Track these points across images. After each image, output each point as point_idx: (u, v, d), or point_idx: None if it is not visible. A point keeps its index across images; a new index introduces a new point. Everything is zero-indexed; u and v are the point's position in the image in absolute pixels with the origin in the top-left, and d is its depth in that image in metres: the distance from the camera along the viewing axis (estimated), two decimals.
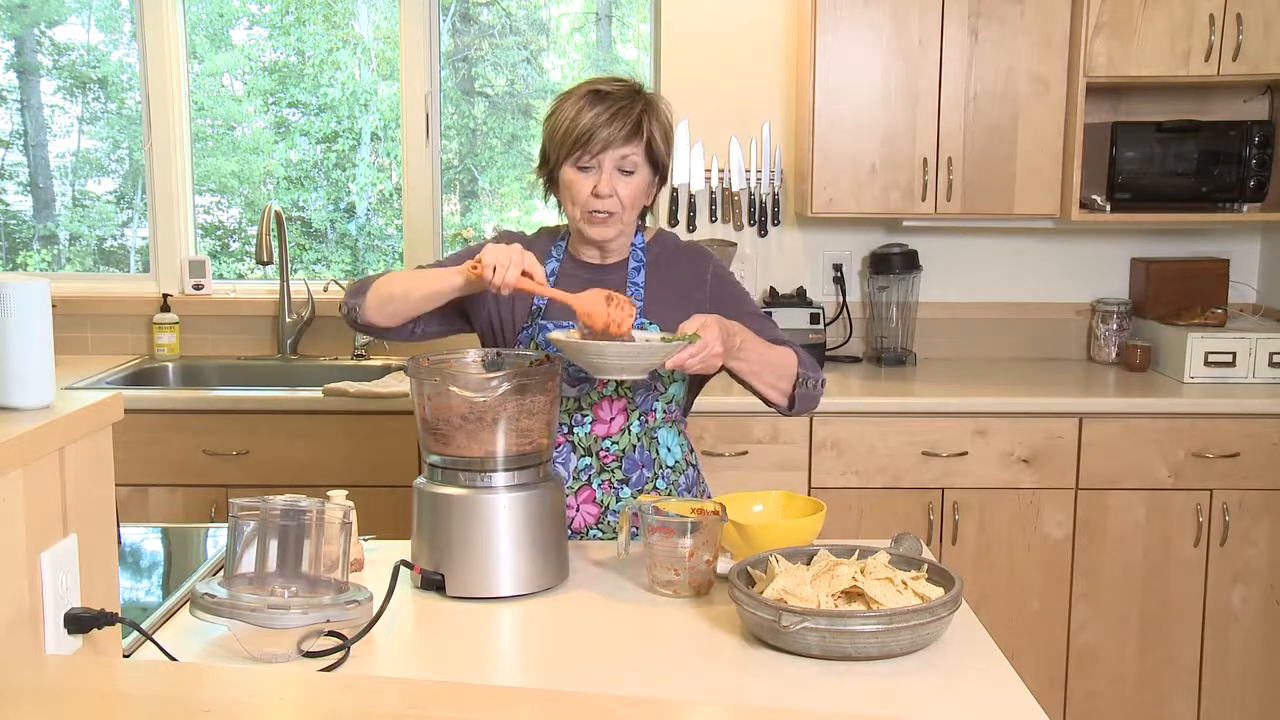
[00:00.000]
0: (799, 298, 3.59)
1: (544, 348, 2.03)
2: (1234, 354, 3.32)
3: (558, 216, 2.18)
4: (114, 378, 3.43)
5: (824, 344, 3.51)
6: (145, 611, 1.69)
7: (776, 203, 3.66)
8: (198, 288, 3.78)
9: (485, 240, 2.32)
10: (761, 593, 1.59)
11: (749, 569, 1.69)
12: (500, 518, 1.76)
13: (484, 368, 1.91)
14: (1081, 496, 3.15)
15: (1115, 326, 3.66)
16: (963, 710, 1.43)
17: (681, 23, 3.61)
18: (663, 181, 2.10)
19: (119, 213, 4.07)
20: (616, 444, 2.07)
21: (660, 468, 2.10)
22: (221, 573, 1.61)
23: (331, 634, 1.57)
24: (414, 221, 3.82)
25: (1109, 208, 3.42)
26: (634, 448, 2.08)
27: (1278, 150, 3.40)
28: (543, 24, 4.12)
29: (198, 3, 3.93)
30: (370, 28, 4.05)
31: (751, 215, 3.68)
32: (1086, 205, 3.42)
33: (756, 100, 3.64)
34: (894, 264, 3.60)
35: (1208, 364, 3.33)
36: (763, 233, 3.68)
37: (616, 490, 2.07)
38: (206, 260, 3.80)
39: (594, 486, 2.07)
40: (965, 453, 3.13)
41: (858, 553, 1.72)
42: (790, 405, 2.07)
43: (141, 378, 3.55)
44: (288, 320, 3.71)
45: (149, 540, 2.19)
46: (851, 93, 3.33)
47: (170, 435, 3.14)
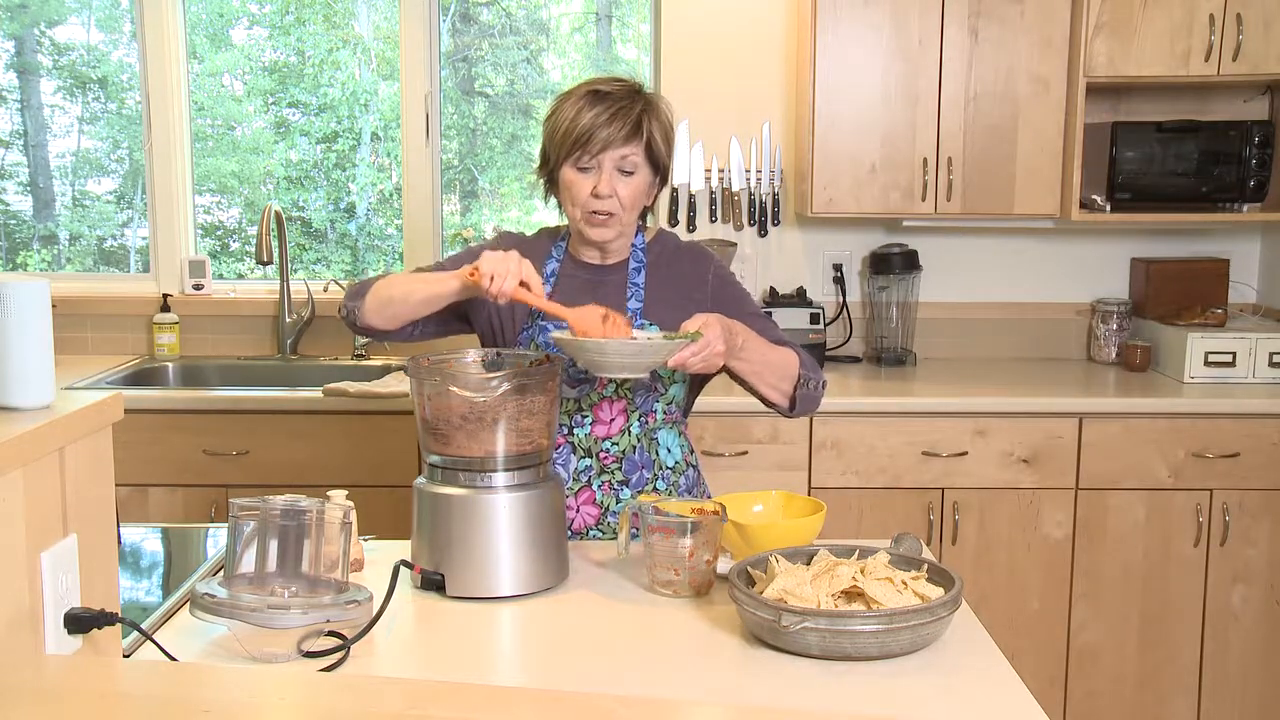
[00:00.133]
0: (799, 298, 3.59)
1: (544, 347, 2.03)
2: (1234, 354, 3.32)
3: (558, 217, 2.17)
4: (114, 378, 3.43)
5: (824, 344, 3.51)
6: (145, 611, 1.69)
7: (776, 203, 3.66)
8: (198, 288, 3.78)
9: (485, 240, 2.32)
10: (761, 593, 1.59)
11: (749, 569, 1.69)
12: (500, 518, 1.76)
13: (484, 368, 1.91)
14: (1081, 496, 3.15)
15: (1115, 326, 3.66)
16: (963, 710, 1.44)
17: (681, 23, 3.61)
18: (663, 182, 2.10)
19: (119, 213, 4.07)
20: (616, 445, 2.07)
21: (660, 469, 2.10)
22: (221, 573, 1.61)
23: (331, 634, 1.57)
24: (414, 221, 3.82)
25: (1109, 208, 3.42)
26: (634, 449, 2.08)
27: (1278, 150, 3.40)
28: (543, 24, 4.12)
29: (198, 3, 3.93)
30: (370, 28, 4.05)
31: (751, 215, 3.68)
32: (1086, 205, 3.42)
33: (756, 100, 3.64)
34: (894, 264, 3.60)
35: (1208, 364, 3.33)
36: (763, 233, 3.68)
37: (616, 491, 2.07)
38: (206, 260, 3.80)
39: (594, 488, 2.07)
40: (965, 453, 3.13)
41: (858, 553, 1.72)
42: (791, 406, 2.07)
43: (141, 378, 3.55)
44: (288, 320, 3.71)
45: (149, 540, 2.19)
46: (851, 93, 3.33)
47: (170, 435, 3.14)
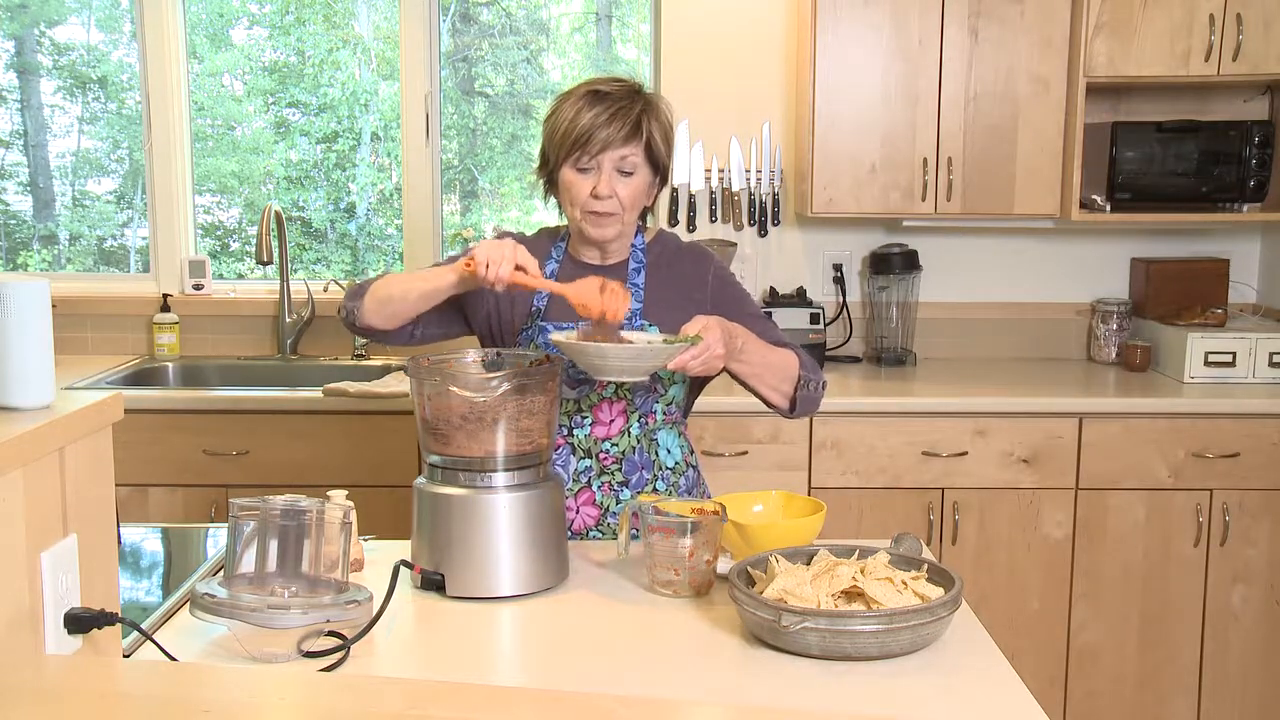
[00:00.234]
0: (799, 298, 3.59)
1: (544, 348, 2.03)
2: (1234, 354, 3.32)
3: (558, 217, 2.17)
4: (114, 378, 3.43)
5: (824, 344, 3.51)
6: (145, 611, 1.69)
7: (776, 203, 3.66)
8: (198, 288, 3.78)
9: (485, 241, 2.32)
10: (761, 593, 1.59)
11: (749, 569, 1.69)
12: (500, 518, 1.76)
13: (484, 368, 1.91)
14: (1081, 496, 3.15)
15: (1115, 326, 3.66)
16: (963, 710, 1.43)
17: (681, 23, 3.61)
18: (663, 182, 2.10)
19: (119, 213, 4.07)
20: (616, 446, 2.07)
21: (660, 469, 2.10)
22: (221, 573, 1.61)
23: (331, 634, 1.57)
24: (414, 221, 3.82)
25: (1109, 208, 3.42)
26: (633, 449, 2.08)
27: (1278, 150, 3.40)
28: (543, 24, 4.12)
29: (198, 3, 3.93)
30: (370, 28, 4.05)
31: (751, 215, 3.68)
32: (1086, 205, 3.42)
33: (756, 100, 3.64)
34: (894, 264, 3.60)
35: (1208, 364, 3.33)
36: (763, 233, 3.68)
37: (616, 492, 2.07)
38: (206, 260, 3.80)
39: (594, 489, 2.07)
40: (965, 453, 3.13)
41: (858, 553, 1.72)
42: (791, 407, 2.07)
43: (141, 378, 3.55)
44: (288, 320, 3.71)
45: (149, 540, 2.19)
46: (851, 93, 3.33)
47: (170, 435, 3.14)
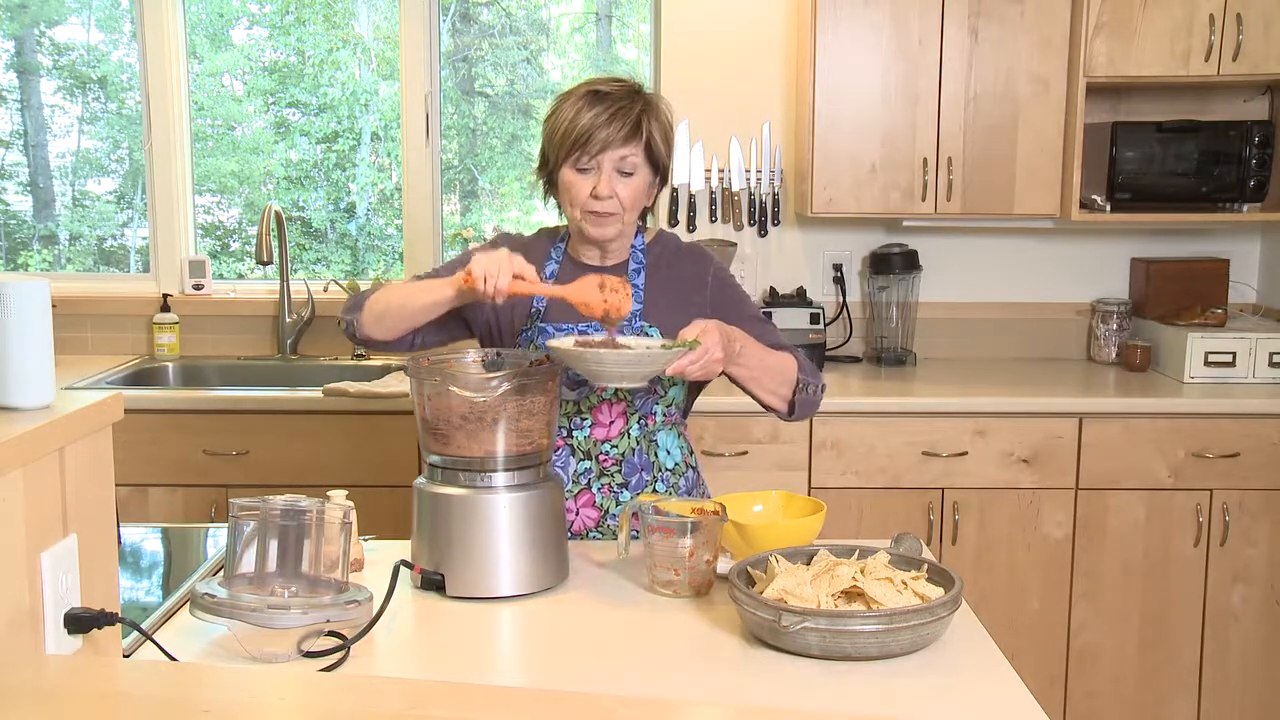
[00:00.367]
0: (799, 298, 3.59)
1: (544, 350, 2.03)
2: (1234, 354, 3.32)
3: (557, 218, 2.17)
4: (114, 378, 3.43)
5: (824, 344, 3.50)
6: (145, 611, 1.69)
7: (776, 203, 3.66)
8: (198, 288, 3.78)
9: (485, 241, 2.32)
10: (761, 593, 1.59)
11: (749, 569, 1.69)
12: (500, 518, 1.76)
13: (484, 368, 1.91)
14: (1081, 496, 3.15)
15: (1115, 326, 3.66)
16: (963, 710, 1.44)
17: (681, 23, 3.61)
18: (663, 183, 2.09)
19: (119, 213, 4.07)
20: (616, 447, 2.07)
21: (660, 470, 2.10)
22: (221, 573, 1.61)
23: (331, 634, 1.57)
24: (414, 221, 3.82)
25: (1109, 208, 3.42)
26: (633, 451, 2.07)
27: (1278, 150, 3.40)
28: (543, 24, 4.12)
29: (198, 3, 3.93)
30: (370, 28, 4.05)
31: (751, 215, 3.68)
32: (1086, 205, 3.42)
33: (756, 100, 3.63)
34: (894, 264, 3.60)
35: (1208, 364, 3.33)
36: (763, 233, 3.68)
37: (616, 494, 2.07)
38: (206, 260, 3.80)
39: (593, 490, 2.07)
40: (965, 453, 3.13)
41: (858, 553, 1.72)
42: (790, 411, 2.07)
43: (141, 378, 3.55)
44: (288, 320, 3.71)
45: (149, 540, 2.19)
46: (851, 93, 3.33)
47: (170, 435, 3.14)
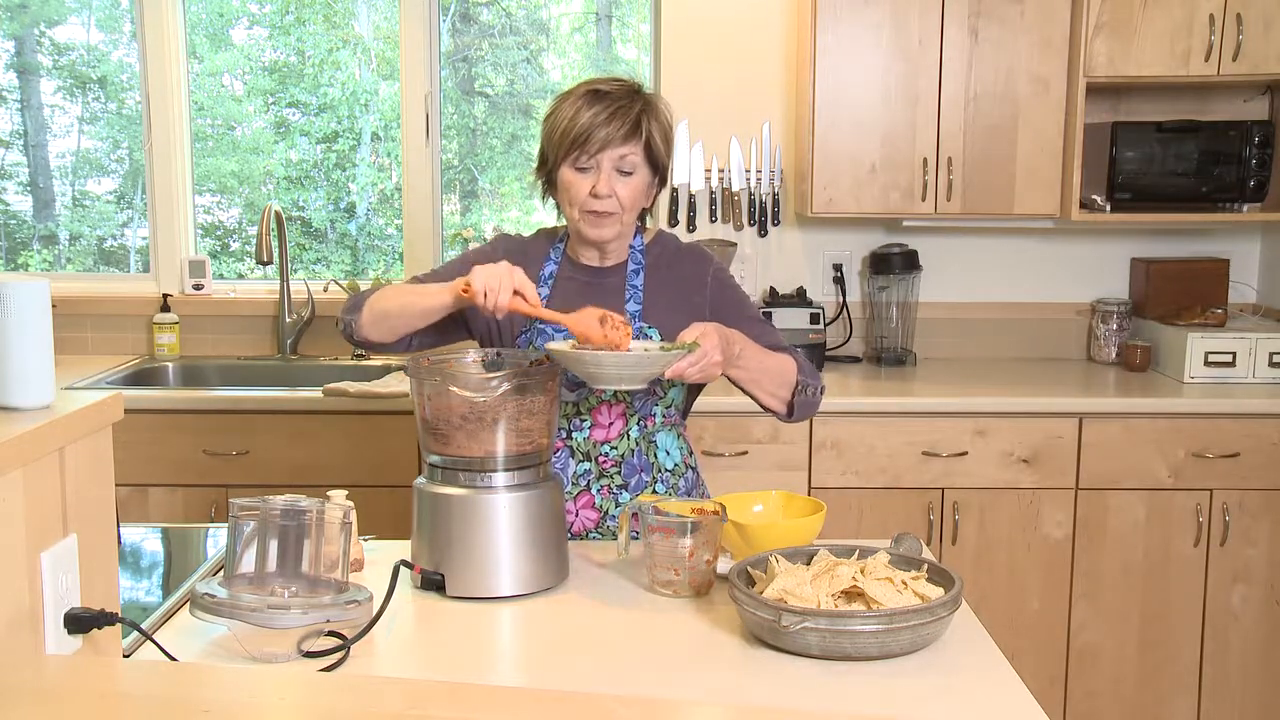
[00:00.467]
0: (799, 298, 3.59)
1: (543, 351, 2.03)
2: (1234, 354, 3.32)
3: (557, 218, 2.17)
4: (114, 378, 3.43)
5: (824, 344, 3.50)
6: (145, 611, 1.69)
7: (776, 203, 3.66)
8: (198, 288, 3.78)
9: (484, 242, 2.32)
10: (761, 593, 1.59)
11: (749, 569, 1.69)
12: (500, 518, 1.76)
13: (484, 368, 1.90)
14: (1081, 496, 3.15)
15: (1115, 326, 3.66)
16: (963, 710, 1.43)
17: (681, 23, 3.61)
18: (662, 183, 2.09)
19: (119, 213, 4.07)
20: (615, 449, 2.07)
21: (659, 471, 2.10)
22: (221, 573, 1.61)
23: (331, 634, 1.57)
24: (414, 221, 3.82)
25: (1109, 208, 3.42)
26: (633, 452, 2.07)
27: (1278, 150, 3.40)
28: (543, 24, 4.12)
29: (198, 3, 3.93)
30: (370, 28, 4.05)
31: (751, 215, 3.68)
32: (1086, 205, 3.42)
33: (756, 100, 3.63)
34: (894, 264, 3.60)
35: (1208, 364, 3.33)
36: (763, 233, 3.68)
37: (616, 495, 2.06)
38: (206, 260, 3.80)
39: (593, 492, 2.06)
40: (965, 453, 3.13)
41: (858, 553, 1.72)
42: (789, 413, 2.07)
43: (141, 378, 3.55)
44: (288, 320, 3.71)
45: (149, 540, 2.19)
46: (851, 92, 3.33)
47: (170, 435, 3.14)
